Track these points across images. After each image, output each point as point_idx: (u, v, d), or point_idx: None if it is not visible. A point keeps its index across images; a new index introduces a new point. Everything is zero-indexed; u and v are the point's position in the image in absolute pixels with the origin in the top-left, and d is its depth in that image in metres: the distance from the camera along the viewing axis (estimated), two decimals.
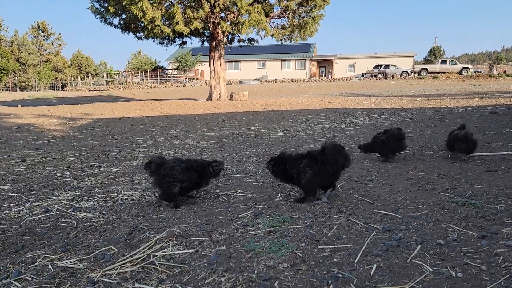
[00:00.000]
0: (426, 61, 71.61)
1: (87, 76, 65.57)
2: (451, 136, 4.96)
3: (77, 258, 2.54)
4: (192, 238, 2.80)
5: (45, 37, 71.18)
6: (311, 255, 2.44)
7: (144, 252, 2.60)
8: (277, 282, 2.14)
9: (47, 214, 3.43)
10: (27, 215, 3.40)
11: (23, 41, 65.40)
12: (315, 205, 3.42)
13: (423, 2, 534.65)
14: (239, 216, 3.24)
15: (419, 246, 2.47)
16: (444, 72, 47.99)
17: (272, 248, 2.56)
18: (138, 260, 2.49)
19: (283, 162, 3.58)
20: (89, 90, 52.86)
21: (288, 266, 2.31)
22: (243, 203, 3.61)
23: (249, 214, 3.26)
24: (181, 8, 17.56)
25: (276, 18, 20.39)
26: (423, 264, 2.23)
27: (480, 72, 49.64)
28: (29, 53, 64.31)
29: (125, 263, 2.45)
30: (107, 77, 63.61)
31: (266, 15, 19.02)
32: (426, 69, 50.78)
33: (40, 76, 62.38)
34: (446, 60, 52.67)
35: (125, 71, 66.09)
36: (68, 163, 5.80)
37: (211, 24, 19.18)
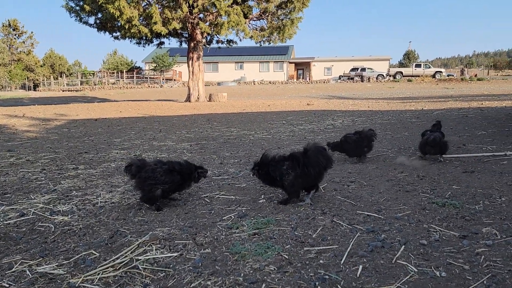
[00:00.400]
0: (401, 64, 73.21)
1: (61, 76, 63.89)
2: (422, 141, 5.08)
3: (57, 263, 2.45)
4: (175, 241, 2.75)
5: (17, 35, 69.01)
6: (297, 257, 2.44)
7: (126, 256, 2.53)
8: (264, 285, 2.12)
9: (23, 218, 3.31)
10: (1, 219, 3.27)
11: None
12: (298, 206, 3.42)
13: (398, 7, 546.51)
14: (223, 218, 3.21)
15: (403, 246, 2.50)
16: (419, 76, 49.14)
17: (258, 250, 2.54)
18: (121, 264, 2.43)
19: (266, 165, 3.57)
20: (63, 91, 51.56)
21: (274, 269, 2.30)
22: (226, 205, 3.57)
23: (233, 216, 3.23)
24: (159, 8, 17.36)
25: (255, 20, 20.43)
26: (408, 264, 2.26)
27: (453, 76, 51.10)
28: None
29: (107, 267, 2.38)
30: (82, 77, 62.20)
31: (245, 16, 19.02)
32: (401, 72, 51.90)
33: (11, 76, 60.45)
34: (420, 64, 53.92)
35: (100, 71, 64.75)
36: (43, 165, 5.62)
37: (189, 25, 19.03)
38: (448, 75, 50.98)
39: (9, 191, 4.18)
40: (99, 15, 18.46)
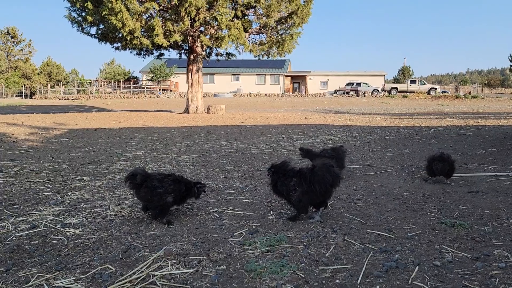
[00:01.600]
0: (396, 80, 73.94)
1: (57, 84, 63.82)
2: (429, 157, 5.11)
3: (74, 278, 2.46)
4: (190, 257, 2.76)
5: (15, 43, 69.04)
6: (313, 276, 2.46)
7: (143, 271, 2.55)
8: None
9: (35, 230, 3.31)
10: (13, 231, 3.27)
11: None
12: (308, 223, 3.45)
13: (393, 24, 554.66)
14: (234, 234, 3.23)
15: (417, 267, 2.53)
16: (413, 92, 49.66)
17: (273, 268, 2.57)
18: (138, 279, 2.44)
19: (281, 172, 3.63)
20: (59, 99, 51.46)
21: (291, 287, 2.32)
22: (236, 220, 3.60)
23: (244, 233, 3.26)
24: (161, 21, 17.50)
25: (254, 34, 20.64)
26: (424, 286, 2.29)
27: (447, 92, 51.70)
28: None
29: (124, 283, 2.40)
30: (79, 86, 62.16)
31: (245, 30, 19.22)
32: (396, 88, 52.44)
33: (7, 83, 60.27)
34: (415, 80, 54.59)
35: (97, 80, 64.78)
36: (48, 175, 5.61)
37: (190, 38, 19.19)
38: (442, 92, 51.58)
39: (17, 202, 4.18)
40: (101, 26, 18.58)
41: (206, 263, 2.67)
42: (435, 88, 51.44)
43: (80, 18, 18.60)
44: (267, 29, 19.85)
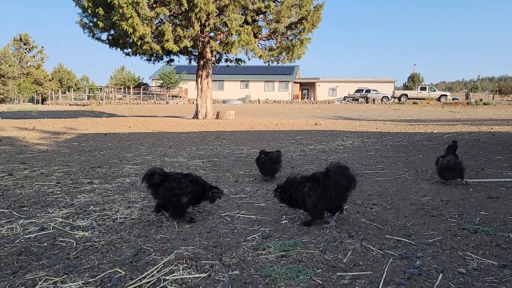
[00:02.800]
0: (406, 87, 73.50)
1: (68, 91, 64.52)
2: (438, 167, 5.11)
3: (82, 281, 2.37)
4: (202, 261, 2.67)
5: (27, 50, 70.07)
6: (331, 283, 2.35)
7: (153, 275, 2.45)
8: None
9: (43, 232, 3.24)
10: (21, 233, 3.20)
11: (4, 53, 64.05)
12: (323, 228, 3.33)
13: (403, 30, 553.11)
14: (247, 238, 3.13)
15: (441, 274, 2.41)
16: (424, 99, 49.25)
17: (289, 274, 2.46)
18: (149, 284, 2.35)
19: (289, 188, 3.52)
20: (70, 105, 51.97)
21: None
22: (248, 225, 3.49)
23: (257, 237, 3.15)
24: (171, 26, 17.57)
25: (264, 40, 20.62)
26: None
27: (458, 99, 51.14)
28: (9, 65, 62.97)
29: (135, 287, 2.30)
30: (89, 92, 62.79)
31: (255, 36, 19.22)
32: (406, 95, 52.02)
33: (20, 89, 61.09)
34: (425, 87, 54.17)
35: (108, 86, 65.39)
36: (58, 178, 5.57)
37: (200, 43, 19.24)
38: (453, 99, 51.05)
39: (26, 204, 4.12)
40: (112, 32, 18.71)
41: (218, 268, 2.57)
42: (446, 95, 50.95)
43: (91, 24, 18.76)
44: (277, 34, 19.83)
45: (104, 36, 19.66)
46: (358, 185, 5.12)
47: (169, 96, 58.01)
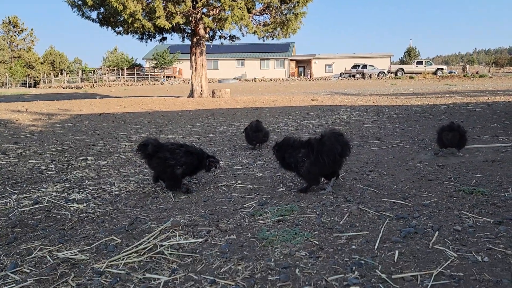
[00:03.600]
0: (402, 61, 72.95)
1: (61, 73, 63.66)
2: (439, 129, 4.84)
3: (78, 249, 2.36)
4: (198, 228, 2.66)
5: (17, 32, 68.75)
6: (328, 243, 2.35)
7: (149, 242, 2.44)
8: (297, 270, 2.03)
9: (37, 205, 3.22)
10: (15, 207, 3.18)
11: None
12: (320, 194, 3.33)
13: (398, 4, 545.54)
14: (244, 206, 3.12)
15: (437, 232, 2.41)
16: (420, 73, 48.97)
17: (286, 236, 2.45)
18: (145, 250, 2.34)
19: (285, 149, 3.50)
20: (63, 88, 51.41)
21: (306, 254, 2.21)
22: (245, 193, 3.48)
23: (253, 204, 3.14)
24: (162, 3, 17.20)
25: (258, 15, 20.27)
26: (446, 249, 2.17)
27: (454, 73, 50.91)
28: (0, 49, 62.02)
29: (131, 253, 2.29)
30: (82, 75, 62.02)
31: (249, 11, 18.87)
32: (403, 69, 51.70)
33: (11, 73, 60.25)
34: (422, 61, 53.77)
35: (101, 68, 64.59)
36: (52, 156, 5.52)
37: (192, 20, 18.89)
38: (449, 72, 50.79)
39: (20, 180, 4.09)
40: (102, 10, 18.31)
41: (215, 233, 2.56)
42: (442, 69, 50.64)
43: (80, 2, 18.33)
44: (271, 9, 19.49)
45: (94, 14, 19.28)
46: (354, 153, 5.13)
47: (163, 76, 57.42)
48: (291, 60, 63.08)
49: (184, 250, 2.32)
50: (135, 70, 60.02)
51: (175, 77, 58.54)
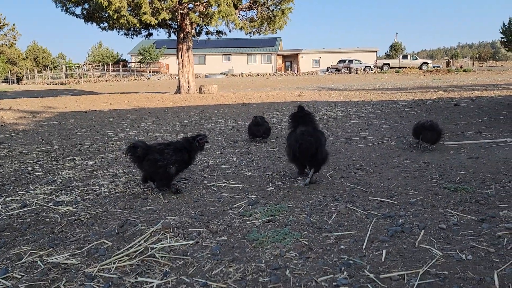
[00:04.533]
0: (388, 56, 73.48)
1: (45, 69, 62.52)
2: (418, 125, 5.04)
3: (69, 253, 2.36)
4: (189, 229, 2.68)
5: None
6: (317, 243, 2.39)
7: (140, 244, 2.46)
8: (288, 271, 2.07)
9: (26, 208, 3.19)
10: (3, 210, 3.15)
11: None
12: (309, 193, 3.37)
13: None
14: (234, 206, 3.14)
15: (423, 231, 2.47)
16: (405, 67, 49.47)
17: (276, 237, 2.49)
18: (136, 253, 2.35)
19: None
20: (47, 84, 50.53)
21: (296, 255, 2.25)
22: (234, 193, 3.51)
23: (243, 204, 3.17)
24: None
25: (245, 11, 20.20)
26: (432, 248, 2.23)
27: (439, 67, 51.53)
28: None
29: (122, 256, 2.30)
30: (66, 70, 61.03)
31: (235, 7, 18.80)
32: (388, 64, 52.17)
33: None
34: (407, 55, 54.30)
35: (86, 64, 63.65)
36: (38, 156, 5.47)
37: (179, 15, 18.73)
38: (434, 67, 51.41)
39: (7, 182, 4.05)
40: (86, 5, 18.03)
41: (206, 235, 2.59)
42: (427, 63, 51.27)
43: None
44: (257, 4, 19.44)
45: (78, 10, 18.95)
46: (341, 150, 5.19)
47: (150, 72, 56.86)
48: (278, 55, 63.04)
49: (175, 253, 2.34)
50: (120, 65, 59.26)
51: (161, 73, 58.03)
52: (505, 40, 52.68)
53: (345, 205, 2.99)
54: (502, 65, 59.83)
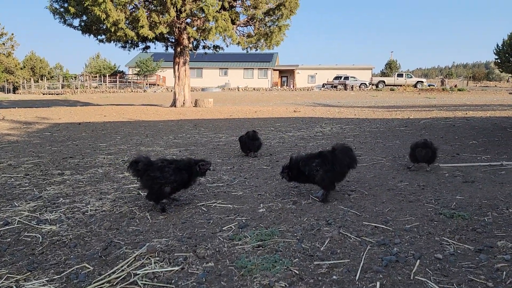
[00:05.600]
0: (383, 74, 74.25)
1: (41, 79, 62.48)
2: (412, 145, 5.06)
3: (47, 279, 2.24)
4: (175, 254, 2.57)
5: None
6: (308, 272, 2.29)
7: (123, 270, 2.34)
8: None
9: (7, 227, 3.07)
10: None
11: None
12: (301, 216, 3.28)
13: (380, 18, 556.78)
14: (223, 228, 3.04)
15: (418, 261, 2.38)
16: (400, 85, 49.87)
17: (265, 264, 2.39)
18: (118, 279, 2.23)
19: (295, 166, 3.75)
20: (44, 94, 50.38)
21: (285, 285, 2.14)
22: (224, 214, 3.40)
23: (233, 227, 3.07)
24: (146, 12, 17.07)
25: (242, 26, 20.32)
26: (428, 281, 2.14)
27: (434, 86, 52.04)
28: None
29: (103, 283, 2.19)
30: (63, 81, 60.98)
31: (233, 22, 18.91)
32: (384, 81, 52.61)
33: None
34: (402, 74, 54.82)
35: (83, 75, 63.70)
36: (27, 170, 5.34)
37: (176, 29, 18.79)
38: (429, 85, 51.90)
39: None
40: (84, 18, 18.05)
41: (192, 260, 2.48)
42: (422, 82, 51.73)
43: (62, 9, 18.04)
44: (254, 21, 19.56)
45: (76, 22, 18.97)
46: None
47: (146, 84, 56.94)
48: (274, 70, 63.48)
49: (159, 280, 2.23)
50: (117, 77, 59.32)
51: (158, 85, 58.13)
52: (498, 61, 53.49)
53: (338, 231, 2.90)
54: (496, 86, 60.56)
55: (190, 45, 20.77)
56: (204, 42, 21.30)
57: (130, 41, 20.00)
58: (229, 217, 3.32)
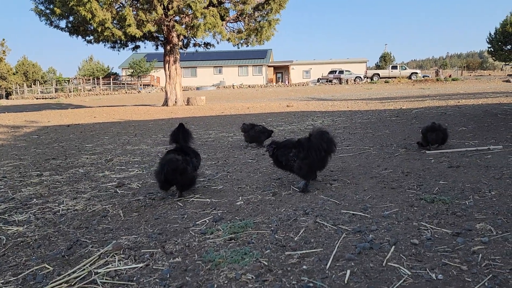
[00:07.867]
0: (378, 66, 74.09)
1: (34, 84, 62.13)
2: (424, 128, 5.29)
3: (2, 281, 2.13)
4: (142, 251, 2.46)
5: None
6: (278, 263, 2.18)
7: (84, 269, 2.23)
8: None
9: None
10: None
11: None
12: (280, 207, 3.17)
13: (373, 10, 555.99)
14: (196, 223, 2.93)
15: (393, 247, 2.27)
16: (395, 77, 49.83)
17: (234, 257, 2.28)
18: (77, 279, 2.12)
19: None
20: (37, 98, 50.10)
21: (252, 277, 2.04)
22: (200, 209, 3.29)
23: (207, 221, 2.96)
24: (133, 11, 16.89)
25: (232, 22, 20.15)
26: (400, 267, 2.03)
27: (428, 76, 51.99)
28: None
29: (60, 284, 2.08)
30: (57, 85, 60.66)
31: (222, 18, 18.74)
32: (378, 74, 52.55)
33: None
34: (397, 66, 54.72)
35: (76, 78, 63.36)
36: (5, 172, 5.22)
37: (165, 28, 18.62)
38: (423, 76, 51.85)
39: None
40: (71, 18, 17.84)
41: (159, 256, 2.37)
42: (416, 73, 51.70)
43: (48, 11, 17.82)
44: (244, 16, 19.40)
45: (62, 23, 18.74)
46: None
47: (140, 85, 56.69)
48: (269, 66, 63.28)
49: (120, 278, 2.12)
50: (111, 79, 59.04)
51: (152, 85, 57.88)
52: (492, 49, 53.43)
53: (314, 220, 2.79)
54: (489, 74, 60.52)
55: (180, 43, 20.60)
56: (194, 40, 21.13)
57: (118, 41, 19.81)
58: (204, 211, 3.21)
